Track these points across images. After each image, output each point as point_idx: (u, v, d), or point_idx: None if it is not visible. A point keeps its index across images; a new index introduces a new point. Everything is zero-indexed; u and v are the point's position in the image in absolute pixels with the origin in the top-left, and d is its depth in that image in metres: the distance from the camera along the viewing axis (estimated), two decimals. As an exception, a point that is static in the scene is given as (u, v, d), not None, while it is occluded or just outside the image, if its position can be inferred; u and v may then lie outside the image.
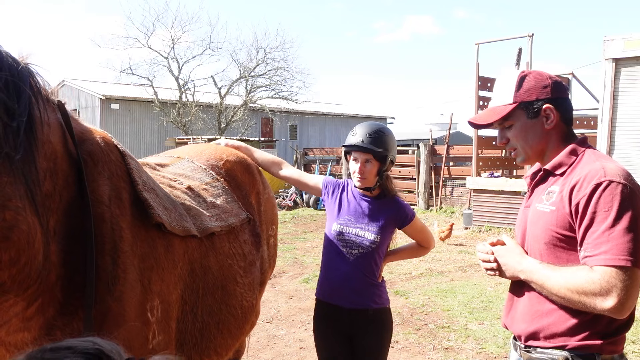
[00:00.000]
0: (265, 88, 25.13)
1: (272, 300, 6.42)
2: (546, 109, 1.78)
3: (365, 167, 2.58)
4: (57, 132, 1.60)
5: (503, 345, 4.85)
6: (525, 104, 1.80)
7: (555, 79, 1.82)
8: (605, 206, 1.57)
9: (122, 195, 1.79)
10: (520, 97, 1.81)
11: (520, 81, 1.82)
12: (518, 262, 1.77)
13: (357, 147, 2.57)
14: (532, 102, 1.80)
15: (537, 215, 1.78)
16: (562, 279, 1.61)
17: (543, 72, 1.83)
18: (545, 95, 1.79)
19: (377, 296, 2.63)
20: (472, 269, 7.94)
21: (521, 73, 1.84)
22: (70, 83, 25.60)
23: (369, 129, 2.60)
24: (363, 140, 2.56)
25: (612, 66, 8.67)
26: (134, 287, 1.72)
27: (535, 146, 1.83)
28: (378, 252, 2.62)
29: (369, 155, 2.57)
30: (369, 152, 2.56)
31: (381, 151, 2.57)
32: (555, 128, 1.81)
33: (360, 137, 2.57)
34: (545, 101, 1.78)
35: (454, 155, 15.17)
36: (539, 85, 1.79)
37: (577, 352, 1.66)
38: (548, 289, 1.66)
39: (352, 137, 2.61)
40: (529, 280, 1.73)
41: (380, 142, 2.58)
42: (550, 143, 1.82)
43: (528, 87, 1.80)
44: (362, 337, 2.60)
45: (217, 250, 2.36)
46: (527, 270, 1.73)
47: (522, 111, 1.82)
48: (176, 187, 2.36)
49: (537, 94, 1.79)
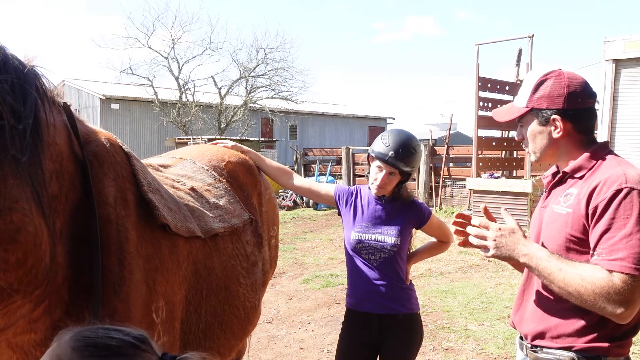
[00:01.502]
0: (265, 88, 25.13)
1: (272, 300, 6.43)
2: (554, 119, 1.78)
3: (389, 178, 2.54)
4: (62, 134, 1.61)
5: (503, 346, 4.86)
6: (535, 110, 1.81)
7: (572, 90, 1.76)
8: (625, 213, 1.57)
9: (128, 197, 1.80)
10: (532, 104, 1.81)
11: (537, 86, 1.81)
12: (524, 245, 1.72)
13: (386, 161, 2.50)
14: (541, 110, 1.80)
15: (554, 217, 1.78)
16: (578, 276, 1.59)
17: (564, 79, 1.78)
18: (556, 105, 1.77)
19: (405, 300, 2.60)
20: (472, 269, 7.95)
21: (543, 76, 1.81)
22: (70, 83, 25.59)
23: (402, 142, 2.51)
24: (394, 154, 2.49)
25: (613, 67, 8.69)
26: (140, 288, 1.73)
27: (544, 151, 1.84)
28: (400, 254, 2.59)
29: (395, 169, 2.52)
30: (397, 168, 2.51)
31: (408, 170, 2.54)
32: (566, 137, 1.79)
33: (391, 150, 2.49)
34: (555, 111, 1.77)
35: (453, 156, 15.17)
36: (553, 94, 1.77)
37: (584, 353, 1.67)
38: (557, 282, 1.63)
39: (384, 145, 2.52)
40: (532, 266, 1.68)
41: (410, 160, 2.52)
42: (560, 149, 1.82)
43: (541, 95, 1.79)
44: (391, 342, 2.57)
45: (221, 251, 2.36)
46: (533, 255, 1.68)
47: (532, 116, 1.83)
48: (179, 188, 2.37)
49: (548, 103, 1.78)
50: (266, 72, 24.87)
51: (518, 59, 11.38)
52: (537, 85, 1.81)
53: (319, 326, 5.55)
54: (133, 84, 23.66)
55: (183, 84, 23.73)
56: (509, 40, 11.84)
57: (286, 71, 24.97)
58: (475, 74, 11.55)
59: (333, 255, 9.05)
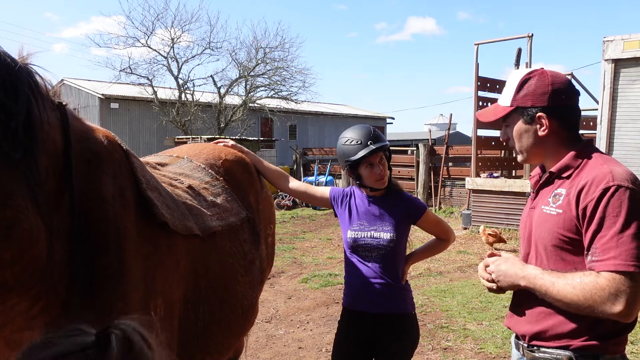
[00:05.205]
0: (264, 88, 25.12)
1: (270, 300, 6.43)
2: (539, 117, 1.78)
3: (382, 165, 2.58)
4: (57, 131, 1.61)
5: (502, 345, 4.86)
6: (521, 109, 1.81)
7: (557, 87, 1.77)
8: (614, 211, 1.57)
9: (126, 194, 1.79)
10: (517, 102, 1.81)
11: (521, 84, 1.81)
12: (520, 269, 1.75)
13: (374, 151, 2.53)
14: (527, 108, 1.79)
15: (543, 218, 1.78)
16: (569, 285, 1.61)
17: (547, 76, 1.79)
18: (541, 103, 1.77)
19: (401, 300, 2.60)
20: (471, 269, 7.96)
21: (526, 75, 1.82)
22: (69, 82, 25.58)
23: (364, 130, 2.60)
24: (372, 142, 2.54)
25: (612, 67, 8.69)
26: (138, 286, 1.73)
27: (530, 150, 1.84)
28: (397, 250, 2.59)
29: (381, 154, 2.58)
30: (383, 149, 2.57)
31: (387, 144, 2.60)
32: (552, 135, 1.80)
33: (367, 141, 2.54)
34: (540, 109, 1.77)
35: (453, 156, 15.19)
36: (537, 92, 1.78)
37: (581, 352, 1.67)
38: (553, 296, 1.65)
39: (358, 145, 2.55)
40: (531, 287, 1.71)
41: (381, 137, 2.60)
42: (547, 148, 1.82)
43: (526, 93, 1.79)
44: (386, 342, 2.57)
45: (219, 249, 2.36)
46: (530, 276, 1.71)
47: (518, 115, 1.83)
48: (177, 186, 2.36)
49: (533, 101, 1.78)
50: (266, 71, 24.86)
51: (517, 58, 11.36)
52: (521, 84, 1.81)
53: (317, 325, 5.55)
54: (132, 83, 23.64)
55: (182, 84, 23.72)
56: (508, 39, 11.82)
57: (285, 71, 24.98)
58: (475, 74, 11.55)
59: (332, 254, 9.05)
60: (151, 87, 23.06)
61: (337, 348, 2.68)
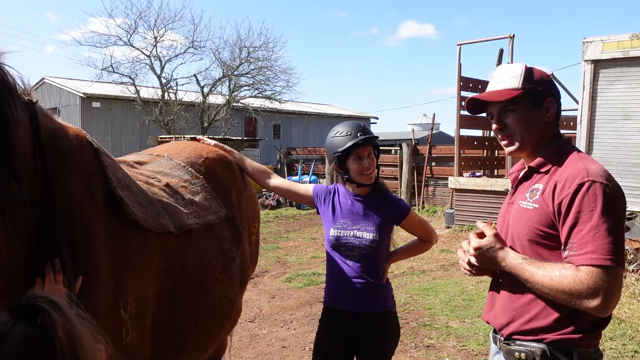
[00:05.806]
0: (248, 87, 24.98)
1: (254, 299, 6.40)
2: (548, 101, 1.84)
3: (371, 159, 2.58)
4: (26, 132, 1.57)
5: (484, 342, 4.89)
6: (531, 92, 1.84)
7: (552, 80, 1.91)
8: (590, 206, 1.60)
9: (95, 193, 1.76)
10: (527, 85, 1.85)
11: (528, 71, 1.87)
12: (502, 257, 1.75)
13: (365, 141, 2.53)
14: (538, 92, 1.84)
15: (520, 212, 1.80)
16: (548, 277, 1.63)
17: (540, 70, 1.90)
18: (549, 90, 1.86)
19: (381, 298, 2.59)
20: (454, 267, 8.00)
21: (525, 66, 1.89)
22: (50, 81, 25.22)
23: (355, 125, 2.61)
24: (362, 134, 2.55)
25: (591, 68, 8.79)
26: (107, 285, 1.70)
27: (533, 135, 1.85)
28: (379, 250, 2.58)
29: (369, 148, 2.58)
30: (372, 143, 2.57)
31: (377, 138, 2.62)
32: (551, 123, 1.86)
33: (357, 133, 2.55)
34: (547, 95, 1.85)
35: (436, 155, 15.26)
36: (543, 79, 1.87)
37: (555, 345, 1.70)
38: (534, 284, 1.67)
39: (347, 137, 2.54)
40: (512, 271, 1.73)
41: (370, 132, 2.60)
42: (545, 136, 1.86)
43: (535, 79, 1.85)
44: (367, 340, 2.56)
45: (195, 247, 2.34)
46: (510, 264, 1.72)
47: (527, 99, 1.85)
48: (154, 184, 2.33)
49: (543, 87, 1.85)
50: (249, 71, 24.73)
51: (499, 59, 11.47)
52: (528, 70, 1.87)
53: (301, 325, 5.53)
54: (114, 82, 23.34)
55: (165, 83, 23.49)
56: (491, 40, 11.92)
57: (269, 70, 24.87)
58: (457, 74, 11.63)
59: (316, 254, 9.04)
60: (134, 86, 22.79)
61: (318, 346, 2.67)
